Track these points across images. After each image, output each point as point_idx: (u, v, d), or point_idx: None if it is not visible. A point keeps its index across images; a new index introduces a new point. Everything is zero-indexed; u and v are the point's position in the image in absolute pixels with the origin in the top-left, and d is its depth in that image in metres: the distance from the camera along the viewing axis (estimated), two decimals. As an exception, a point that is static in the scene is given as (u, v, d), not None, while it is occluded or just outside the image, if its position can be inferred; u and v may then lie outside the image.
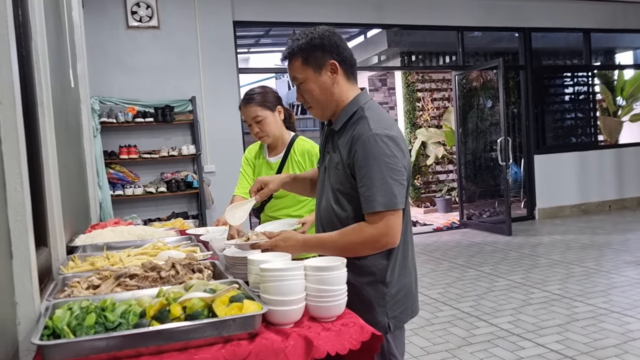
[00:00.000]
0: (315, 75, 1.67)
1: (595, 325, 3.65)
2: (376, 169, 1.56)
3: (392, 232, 1.57)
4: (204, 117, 6.18)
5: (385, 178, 1.55)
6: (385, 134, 1.58)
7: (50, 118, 2.08)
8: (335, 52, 1.66)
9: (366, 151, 1.57)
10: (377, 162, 1.56)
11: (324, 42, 1.65)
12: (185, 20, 6.18)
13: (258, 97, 2.46)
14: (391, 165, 1.56)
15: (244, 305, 1.33)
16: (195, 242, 2.36)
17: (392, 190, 1.56)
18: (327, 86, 1.67)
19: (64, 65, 3.11)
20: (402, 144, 1.61)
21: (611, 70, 10.50)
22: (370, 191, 1.56)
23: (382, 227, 1.56)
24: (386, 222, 1.56)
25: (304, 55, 1.66)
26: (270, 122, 2.46)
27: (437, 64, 10.32)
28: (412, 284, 1.76)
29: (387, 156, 1.56)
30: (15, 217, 1.32)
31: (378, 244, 1.59)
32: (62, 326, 1.22)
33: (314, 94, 1.69)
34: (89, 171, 4.11)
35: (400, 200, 1.57)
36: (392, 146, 1.57)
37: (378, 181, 1.56)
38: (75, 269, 1.91)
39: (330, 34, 1.68)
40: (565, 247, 6.18)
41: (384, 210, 1.55)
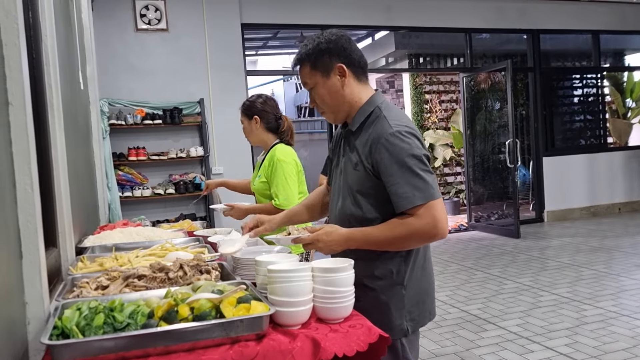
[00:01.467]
0: (323, 79, 1.68)
1: (605, 328, 3.62)
2: (405, 165, 1.56)
3: (440, 223, 1.55)
4: (212, 119, 6.21)
5: (417, 172, 1.55)
6: (406, 130, 1.59)
7: (60, 120, 2.10)
8: (343, 55, 1.66)
9: (391, 150, 1.57)
10: (405, 158, 1.56)
11: (330, 46, 1.66)
12: (193, 22, 6.22)
13: (246, 104, 2.83)
14: (418, 159, 1.56)
15: (251, 306, 1.34)
16: (203, 243, 2.37)
17: (426, 182, 1.55)
18: (336, 89, 1.68)
19: (74, 67, 3.14)
20: (421, 138, 1.63)
21: (620, 72, 10.43)
22: (404, 188, 1.55)
23: (428, 218, 1.53)
24: (431, 213, 1.54)
25: (311, 60, 1.68)
26: (245, 128, 2.85)
27: (445, 66, 10.30)
28: (431, 286, 1.75)
29: (412, 149, 1.56)
30: (25, 217, 1.33)
31: (427, 235, 1.57)
32: (71, 326, 1.22)
33: (324, 98, 1.70)
34: (98, 173, 4.14)
35: (436, 189, 1.57)
36: (415, 140, 1.58)
37: (411, 176, 1.55)
38: (84, 270, 1.92)
39: (337, 38, 1.68)
40: (575, 249, 6.14)
41: (425, 203, 1.53)
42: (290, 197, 2.58)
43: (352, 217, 1.69)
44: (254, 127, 2.81)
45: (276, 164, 2.64)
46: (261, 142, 2.85)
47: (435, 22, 7.52)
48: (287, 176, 2.61)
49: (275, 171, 2.63)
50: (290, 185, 2.61)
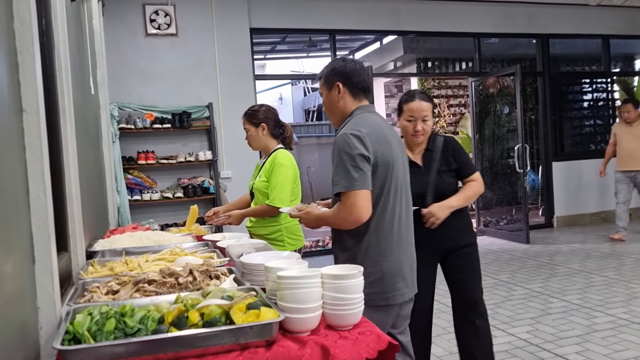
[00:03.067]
0: (327, 92, 2.17)
1: (616, 336, 3.59)
2: (339, 158, 1.93)
3: (356, 210, 1.89)
4: (221, 123, 6.23)
5: (346, 165, 1.90)
6: (351, 133, 1.94)
7: (72, 125, 2.12)
8: (344, 77, 2.11)
9: (335, 146, 1.97)
10: (340, 153, 1.93)
11: (335, 68, 2.14)
12: (202, 27, 6.25)
13: (250, 112, 3.08)
14: (351, 155, 1.90)
15: (261, 312, 1.34)
16: (212, 248, 2.37)
17: (350, 175, 1.89)
18: (334, 101, 2.15)
19: (85, 72, 3.17)
20: (367, 140, 1.93)
21: (631, 77, 10.35)
22: (336, 177, 1.93)
23: (346, 205, 1.90)
24: (349, 202, 1.90)
25: (323, 77, 2.19)
26: (252, 135, 3.07)
27: (453, 71, 10.28)
28: (392, 272, 2.01)
29: (348, 147, 1.91)
30: (38, 223, 1.35)
31: (346, 221, 1.95)
32: (82, 331, 1.23)
33: (325, 106, 2.21)
34: (108, 176, 4.17)
35: (360, 182, 1.89)
36: (354, 140, 1.92)
37: (340, 168, 1.91)
38: (94, 274, 1.93)
39: (346, 63, 2.14)
40: (585, 255, 6.09)
41: (346, 191, 1.90)
42: (283, 198, 2.86)
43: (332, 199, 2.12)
44: (261, 134, 3.06)
45: (277, 166, 2.91)
46: (264, 148, 3.10)
47: (444, 27, 7.51)
48: (284, 179, 2.89)
49: (274, 173, 2.91)
50: (285, 187, 2.89)
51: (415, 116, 2.60)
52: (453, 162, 2.67)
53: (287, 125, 3.15)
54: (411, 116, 2.62)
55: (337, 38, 7.40)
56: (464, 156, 2.72)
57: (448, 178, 2.66)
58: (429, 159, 2.67)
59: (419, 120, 2.61)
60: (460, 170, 2.70)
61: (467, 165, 2.72)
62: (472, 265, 2.78)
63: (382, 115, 2.20)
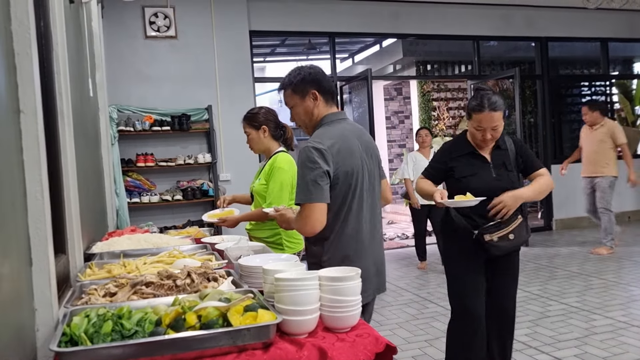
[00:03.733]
0: (300, 101, 2.13)
1: (615, 339, 3.59)
2: (300, 171, 1.99)
3: (310, 222, 1.96)
4: (220, 125, 6.23)
5: (305, 178, 1.95)
6: (313, 146, 1.98)
7: (70, 127, 2.12)
8: (317, 84, 2.11)
9: (299, 158, 2.02)
10: (301, 166, 1.98)
11: (305, 76, 2.11)
12: (202, 30, 6.26)
13: (249, 116, 3.03)
14: (311, 169, 1.95)
15: (258, 314, 1.34)
16: (210, 251, 2.37)
17: (307, 188, 1.94)
18: (309, 110, 2.13)
19: (84, 74, 3.17)
20: (327, 154, 1.98)
21: (629, 80, 10.37)
22: (297, 188, 2.00)
23: (302, 216, 1.98)
24: (304, 213, 1.96)
25: (292, 87, 2.13)
26: (253, 139, 3.03)
27: (452, 73, 10.29)
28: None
29: (309, 162, 1.96)
30: (35, 225, 1.35)
31: (301, 230, 2.04)
32: (79, 333, 1.23)
33: (298, 116, 2.17)
34: (107, 179, 4.16)
35: (315, 196, 1.94)
36: (315, 155, 1.96)
37: (300, 181, 1.98)
38: (92, 277, 1.93)
39: (313, 70, 2.14)
40: (584, 258, 6.09)
41: (302, 204, 1.96)
42: (279, 203, 2.79)
43: None
44: (262, 137, 3.02)
45: (275, 170, 2.88)
46: (265, 151, 3.06)
47: (443, 30, 7.52)
48: (281, 184, 2.86)
49: (273, 177, 2.88)
50: (282, 193, 2.85)
51: (484, 127, 2.55)
52: (520, 161, 2.67)
53: (288, 127, 3.11)
54: (480, 126, 2.56)
55: (337, 41, 7.41)
56: (530, 154, 2.71)
57: (513, 177, 2.64)
58: (497, 155, 2.66)
59: (488, 130, 2.55)
60: (527, 166, 2.68)
61: (534, 161, 2.69)
62: (512, 273, 2.75)
63: (350, 121, 2.20)
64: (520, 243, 2.62)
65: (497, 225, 2.53)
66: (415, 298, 4.85)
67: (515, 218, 2.56)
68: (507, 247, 2.56)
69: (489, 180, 2.60)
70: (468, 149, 2.67)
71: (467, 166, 2.64)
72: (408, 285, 5.32)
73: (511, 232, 2.55)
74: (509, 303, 2.73)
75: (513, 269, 2.74)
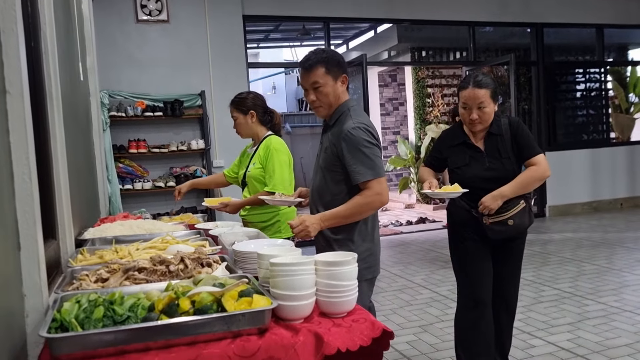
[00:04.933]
0: (333, 83, 2.17)
1: (607, 324, 3.61)
2: (359, 150, 2.08)
3: (385, 193, 2.10)
4: (213, 111, 6.17)
5: (369, 156, 2.07)
6: (364, 126, 2.11)
7: (59, 110, 2.07)
8: (345, 69, 2.20)
9: (351, 138, 2.09)
10: (358, 145, 2.08)
11: (339, 60, 2.19)
12: (194, 14, 6.17)
13: (237, 100, 3.06)
14: (369, 146, 2.08)
15: (253, 300, 1.32)
16: (204, 237, 2.35)
17: (375, 163, 2.08)
18: (337, 93, 2.19)
19: (73, 58, 3.11)
20: (374, 132, 2.15)
21: (624, 67, 10.37)
22: (359, 167, 2.07)
23: (377, 189, 2.07)
24: (379, 186, 2.08)
25: (327, 66, 2.15)
26: (241, 123, 3.05)
27: (447, 60, 10.24)
28: (377, 248, 2.25)
29: (365, 140, 2.08)
30: (23, 208, 1.31)
31: (372, 207, 2.11)
32: (70, 319, 1.20)
33: (327, 97, 2.18)
34: (98, 165, 4.12)
35: (382, 170, 2.10)
36: (367, 133, 2.10)
37: (364, 158, 2.07)
38: (83, 262, 1.90)
39: (343, 58, 2.23)
40: (577, 244, 6.12)
41: (373, 179, 2.06)
42: (284, 183, 2.84)
43: (325, 188, 2.22)
44: (250, 121, 3.04)
45: (272, 152, 2.89)
46: (253, 135, 3.09)
47: (438, 15, 7.46)
48: (281, 164, 2.87)
49: (270, 159, 2.88)
50: (284, 173, 2.87)
51: (469, 104, 2.48)
52: (516, 146, 2.55)
53: (276, 112, 3.16)
54: (465, 104, 2.50)
55: (331, 26, 7.33)
56: (526, 138, 2.55)
57: (509, 164, 2.53)
58: (490, 142, 2.57)
59: (474, 109, 2.48)
60: (521, 152, 2.54)
61: (528, 147, 2.54)
62: (514, 261, 2.71)
63: None
64: (521, 229, 2.57)
65: (497, 210, 2.48)
66: (409, 284, 4.86)
67: (517, 203, 2.50)
68: (506, 232, 2.52)
69: (482, 170, 2.54)
70: (461, 138, 2.62)
71: (460, 156, 2.60)
72: (402, 271, 5.33)
73: (511, 217, 2.49)
74: (509, 290, 2.71)
75: (514, 256, 2.70)
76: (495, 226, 2.51)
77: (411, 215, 9.11)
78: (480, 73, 2.54)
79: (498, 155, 2.54)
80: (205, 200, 3.16)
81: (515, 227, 2.52)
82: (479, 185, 2.50)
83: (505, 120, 2.61)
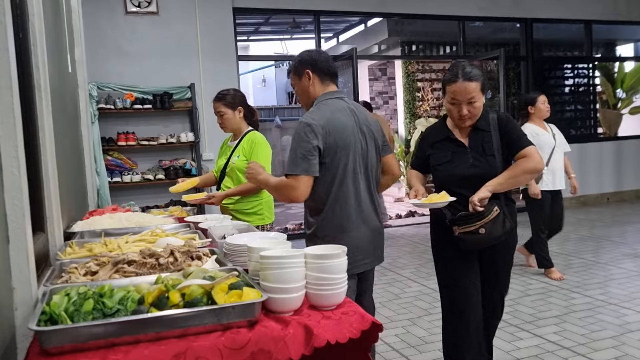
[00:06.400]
0: (298, 81, 2.31)
1: (593, 317, 3.66)
2: (293, 143, 2.14)
3: (294, 191, 2.11)
4: (203, 104, 6.14)
5: (296, 151, 2.11)
6: (306, 122, 2.13)
7: (48, 102, 2.05)
8: (312, 65, 2.27)
9: (295, 131, 2.17)
10: (295, 139, 2.14)
11: (302, 58, 2.30)
12: (184, 6, 6.12)
13: (225, 97, 3.18)
14: (302, 144, 2.10)
15: (243, 292, 1.32)
16: (194, 230, 2.34)
17: (296, 161, 2.10)
18: (304, 88, 2.31)
19: (62, 49, 3.07)
20: (317, 129, 2.11)
21: (612, 63, 10.46)
22: (288, 158, 2.15)
23: (287, 185, 2.13)
24: (290, 183, 2.12)
25: (293, 69, 2.33)
26: (229, 118, 3.18)
27: (437, 54, 10.27)
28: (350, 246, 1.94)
29: (302, 136, 2.11)
30: (12, 201, 1.31)
31: (282, 196, 2.19)
32: (59, 312, 1.20)
33: (298, 95, 2.37)
34: (87, 157, 4.09)
35: (303, 169, 2.09)
36: (307, 130, 2.11)
37: (291, 153, 2.13)
38: (72, 255, 1.89)
39: (311, 53, 2.33)
40: (563, 238, 6.18)
41: (289, 174, 2.12)
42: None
43: None
44: (237, 117, 3.19)
45: (258, 146, 3.07)
46: (236, 130, 3.24)
47: (429, 10, 7.47)
48: (266, 157, 3.07)
49: (256, 152, 3.05)
50: (267, 165, 3.05)
51: (459, 99, 2.28)
52: (505, 143, 2.35)
53: (255, 109, 3.36)
54: (454, 99, 2.30)
55: (322, 20, 7.31)
56: (514, 131, 2.36)
57: (493, 162, 2.33)
58: (475, 138, 2.38)
59: (463, 104, 2.29)
60: (511, 146, 2.34)
61: (517, 140, 2.34)
62: (498, 267, 2.52)
63: (346, 99, 2.32)
64: (492, 238, 2.28)
65: (467, 218, 2.26)
66: (398, 277, 4.90)
67: (491, 210, 2.24)
68: (477, 242, 2.29)
69: (465, 167, 2.35)
70: (445, 133, 2.45)
71: (443, 152, 2.42)
72: (391, 265, 5.36)
73: (482, 226, 2.24)
74: (493, 295, 2.56)
75: (497, 265, 2.49)
76: (465, 236, 2.29)
77: (400, 209, 9.15)
78: (467, 64, 2.33)
79: (482, 151, 2.35)
80: (185, 196, 3.26)
81: (486, 236, 2.26)
82: (461, 184, 2.33)
83: (494, 115, 2.43)
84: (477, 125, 2.39)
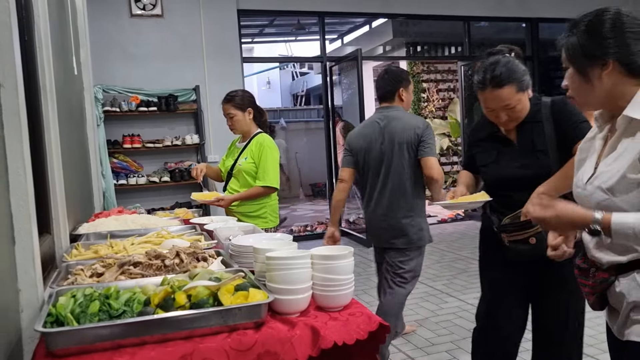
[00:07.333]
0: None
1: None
2: None
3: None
4: (208, 106, 6.14)
5: None
6: None
7: (53, 103, 2.05)
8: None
9: None
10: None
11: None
12: (189, 8, 6.13)
13: (235, 98, 3.15)
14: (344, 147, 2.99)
15: (249, 294, 1.31)
16: (199, 231, 2.34)
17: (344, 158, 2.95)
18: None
19: (67, 51, 3.08)
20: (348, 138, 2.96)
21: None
22: None
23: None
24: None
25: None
26: (240, 120, 3.16)
27: (442, 55, 10.24)
28: None
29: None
30: (17, 202, 1.30)
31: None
32: (65, 313, 1.20)
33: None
34: (93, 160, 4.10)
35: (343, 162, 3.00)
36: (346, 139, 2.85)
37: None
38: (78, 257, 1.89)
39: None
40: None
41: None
42: (276, 178, 3.07)
43: None
44: (247, 118, 3.17)
45: (266, 150, 3.06)
46: (246, 132, 3.21)
47: (434, 10, 7.45)
48: (274, 160, 3.07)
49: (265, 156, 3.04)
50: (277, 169, 3.08)
51: (492, 107, 1.99)
52: (559, 132, 1.99)
53: (264, 110, 3.35)
54: (487, 107, 2.01)
55: (326, 21, 7.31)
56: (571, 120, 1.97)
57: (544, 158, 1.99)
58: (524, 132, 2.05)
59: (499, 111, 1.98)
60: (565, 140, 1.96)
61: (574, 131, 1.92)
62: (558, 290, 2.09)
63: (382, 112, 2.96)
64: (542, 250, 1.67)
65: (516, 225, 1.94)
66: (430, 291, 4.55)
67: None
68: (526, 253, 1.96)
69: (513, 168, 2.03)
70: (489, 129, 2.14)
71: (488, 152, 2.14)
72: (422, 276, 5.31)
73: (534, 235, 1.91)
74: (555, 328, 2.12)
75: (558, 285, 2.06)
76: (514, 245, 1.99)
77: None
78: (497, 63, 1.97)
79: (532, 148, 2.01)
80: (194, 195, 3.19)
81: (536, 247, 1.90)
82: (510, 186, 2.02)
83: (547, 101, 2.07)
84: (525, 119, 2.04)
